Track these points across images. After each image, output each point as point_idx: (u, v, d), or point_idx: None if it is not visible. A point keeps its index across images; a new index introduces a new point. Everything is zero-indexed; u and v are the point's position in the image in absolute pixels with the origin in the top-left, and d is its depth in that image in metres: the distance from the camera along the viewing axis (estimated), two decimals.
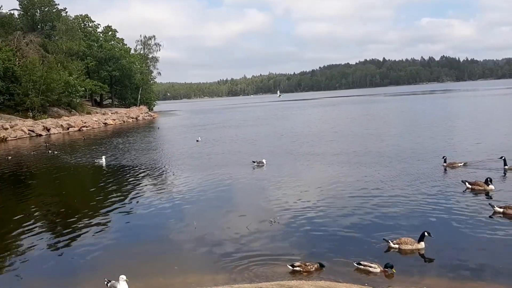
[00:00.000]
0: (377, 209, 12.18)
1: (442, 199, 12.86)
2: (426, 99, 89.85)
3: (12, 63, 55.06)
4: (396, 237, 9.58)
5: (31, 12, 74.13)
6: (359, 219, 11.50)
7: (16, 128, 45.08)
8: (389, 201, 12.98)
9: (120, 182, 19.08)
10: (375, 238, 9.96)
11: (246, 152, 25.49)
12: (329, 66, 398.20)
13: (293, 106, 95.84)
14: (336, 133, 33.54)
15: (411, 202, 12.66)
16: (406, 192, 13.82)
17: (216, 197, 15.09)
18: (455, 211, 11.64)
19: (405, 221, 11.07)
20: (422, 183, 14.97)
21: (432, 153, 20.56)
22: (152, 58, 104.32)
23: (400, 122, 40.55)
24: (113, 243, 10.85)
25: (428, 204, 12.34)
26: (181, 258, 9.66)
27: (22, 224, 12.84)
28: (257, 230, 10.92)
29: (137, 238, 11.28)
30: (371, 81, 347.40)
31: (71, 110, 65.11)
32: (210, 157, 24.61)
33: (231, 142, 31.73)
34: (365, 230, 10.55)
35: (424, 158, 19.56)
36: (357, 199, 13.44)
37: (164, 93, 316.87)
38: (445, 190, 13.83)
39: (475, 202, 12.32)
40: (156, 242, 10.76)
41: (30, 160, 27.62)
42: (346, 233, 10.48)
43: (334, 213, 12.12)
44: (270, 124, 48.00)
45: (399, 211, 11.93)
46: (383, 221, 11.19)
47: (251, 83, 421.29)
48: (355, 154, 22.06)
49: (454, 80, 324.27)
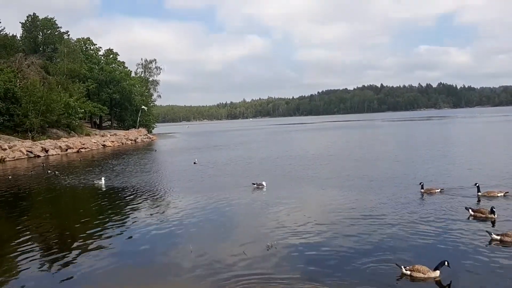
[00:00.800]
0: (378, 235, 12.05)
1: (445, 225, 12.83)
2: (423, 125, 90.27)
3: (13, 84, 55.45)
4: (406, 263, 9.41)
5: (34, 34, 75.13)
6: (359, 244, 11.39)
7: (15, 149, 45.08)
8: (388, 226, 12.88)
9: (116, 204, 19.01)
10: (377, 263, 9.84)
11: (243, 175, 25.49)
12: (328, 91, 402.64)
13: (291, 130, 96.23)
14: (331, 156, 33.72)
15: (411, 229, 12.60)
16: (405, 218, 13.76)
17: (213, 220, 15.01)
18: (458, 238, 11.60)
19: (410, 248, 10.93)
20: (421, 208, 14.99)
21: (425, 178, 20.63)
22: (153, 81, 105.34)
23: (395, 147, 40.70)
24: (109, 267, 10.72)
25: (430, 231, 12.30)
26: (176, 282, 9.55)
27: (18, 245, 12.70)
28: (254, 255, 10.82)
29: (132, 262, 11.15)
30: (369, 107, 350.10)
31: (70, 132, 65.24)
32: (207, 180, 24.58)
33: (228, 164, 31.74)
34: (367, 255, 10.42)
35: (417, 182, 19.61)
36: (355, 223, 13.36)
37: (164, 116, 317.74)
38: (444, 217, 13.82)
39: (476, 229, 12.32)
40: (151, 266, 10.65)
41: (29, 180, 27.57)
42: (347, 259, 10.36)
43: (333, 238, 12.01)
44: (267, 147, 48.10)
45: (400, 237, 11.81)
46: (386, 247, 11.05)
47: (250, 106, 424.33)
48: (353, 178, 22.01)
49: (452, 107, 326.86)
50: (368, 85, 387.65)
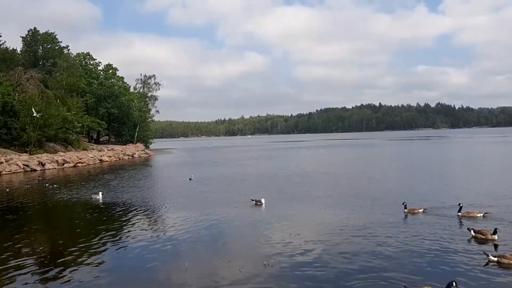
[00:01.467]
0: (376, 256, 11.83)
1: (443, 245, 12.69)
2: (422, 145, 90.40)
3: (12, 97, 55.55)
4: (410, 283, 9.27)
5: (34, 49, 75.53)
6: (355, 263, 11.22)
7: (11, 162, 44.88)
8: (382, 245, 12.78)
9: (112, 219, 18.78)
10: (372, 283, 9.70)
11: (240, 191, 25.34)
12: (326, 109, 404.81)
13: (288, 147, 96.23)
14: (328, 174, 33.65)
15: (403, 247, 12.49)
16: (399, 236, 13.66)
17: (209, 236, 14.81)
18: (455, 258, 11.46)
19: (412, 267, 10.75)
20: (408, 228, 14.86)
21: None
22: (151, 97, 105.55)
23: (391, 166, 40.67)
24: (102, 283, 10.52)
25: (422, 251, 12.16)
26: None
27: (11, 258, 12.52)
28: (250, 273, 10.64)
29: (127, 278, 10.95)
30: (367, 125, 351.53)
31: (67, 146, 65.10)
32: (203, 196, 24.38)
33: (224, 181, 31.62)
34: (362, 274, 10.27)
35: (415, 202, 19.48)
36: (351, 242, 13.19)
37: (162, 131, 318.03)
38: (447, 237, 13.69)
39: (470, 249, 12.17)
40: (146, 282, 10.45)
41: (25, 194, 27.40)
42: (342, 278, 10.18)
43: (329, 257, 11.83)
44: (264, 164, 47.99)
45: (394, 256, 11.66)
46: (380, 267, 10.88)
47: (248, 123, 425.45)
48: (348, 196, 21.93)
49: (450, 127, 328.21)
50: (367, 104, 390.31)
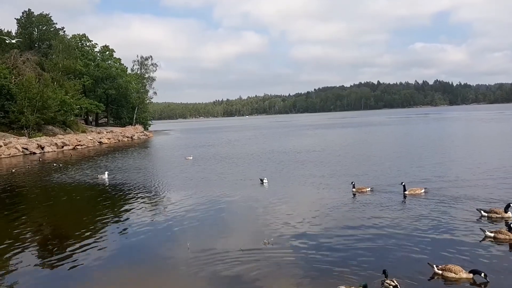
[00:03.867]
0: (382, 237, 11.83)
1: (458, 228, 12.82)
2: (419, 123, 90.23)
3: (8, 81, 55.16)
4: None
5: (29, 31, 74.63)
6: (358, 243, 11.27)
7: (10, 146, 44.83)
8: (389, 226, 12.92)
9: (114, 200, 18.94)
10: (388, 262, 9.73)
11: (240, 171, 25.50)
12: (324, 88, 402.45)
13: (288, 126, 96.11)
14: (332, 153, 33.56)
15: (405, 229, 12.62)
16: (403, 217, 13.78)
17: (209, 217, 14.95)
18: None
19: (419, 249, 10.69)
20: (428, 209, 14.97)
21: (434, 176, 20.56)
22: (149, 78, 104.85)
23: (394, 145, 40.72)
24: (105, 263, 10.68)
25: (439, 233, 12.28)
26: (173, 280, 9.52)
27: (15, 241, 12.67)
28: (250, 252, 10.78)
29: (129, 258, 11.10)
30: (365, 104, 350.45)
31: (66, 129, 64.97)
32: (203, 176, 24.54)
33: (224, 161, 31.76)
34: (374, 254, 10.27)
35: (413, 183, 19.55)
36: (355, 222, 13.34)
37: (160, 113, 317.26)
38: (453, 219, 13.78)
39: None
40: (148, 262, 10.59)
41: (30, 174, 27.86)
42: (346, 258, 10.24)
43: (331, 237, 11.91)
44: (262, 143, 47.97)
45: (403, 236, 11.81)
46: (390, 247, 10.94)
47: (246, 104, 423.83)
48: (350, 175, 21.96)
49: (448, 104, 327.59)
50: (365, 82, 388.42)
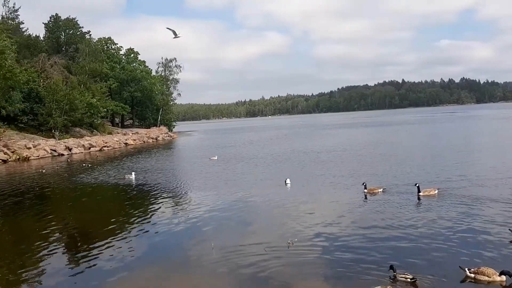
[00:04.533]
0: (405, 238, 11.70)
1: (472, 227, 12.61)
2: (446, 122, 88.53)
3: (37, 84, 56.58)
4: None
5: (56, 35, 76.33)
6: (382, 245, 11.12)
7: (39, 148, 45.91)
8: (415, 227, 12.78)
9: (140, 200, 19.34)
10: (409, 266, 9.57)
11: (263, 171, 25.57)
12: (348, 87, 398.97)
13: (310, 126, 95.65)
14: (354, 153, 33.21)
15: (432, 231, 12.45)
16: (428, 220, 13.60)
17: (233, 216, 15.07)
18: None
19: (444, 252, 10.45)
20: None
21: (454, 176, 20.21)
22: (173, 80, 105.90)
23: (416, 145, 40.12)
24: (130, 263, 10.86)
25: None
26: (198, 279, 9.62)
27: (44, 239, 13.02)
28: (274, 252, 10.81)
29: (154, 258, 11.27)
30: (390, 103, 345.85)
31: (93, 130, 66.20)
32: (228, 176, 24.72)
33: (248, 161, 31.88)
34: (399, 256, 10.15)
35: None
36: (378, 223, 13.24)
37: (184, 114, 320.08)
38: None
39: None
40: (174, 263, 10.76)
41: (59, 174, 28.77)
42: (370, 261, 10.14)
43: (354, 238, 11.86)
44: (284, 143, 47.83)
45: (427, 238, 11.64)
46: (418, 250, 10.84)
47: (269, 104, 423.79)
48: (375, 176, 21.79)
49: (475, 102, 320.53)
50: (389, 81, 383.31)
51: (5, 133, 48.39)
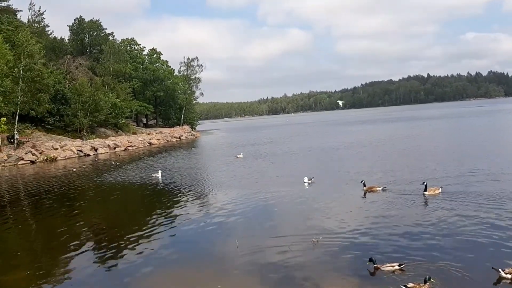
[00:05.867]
0: (431, 238, 11.36)
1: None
2: (472, 116, 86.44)
3: (62, 85, 57.72)
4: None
5: (80, 37, 77.62)
6: (406, 245, 10.93)
7: (66, 148, 46.81)
8: (438, 227, 12.48)
9: (166, 198, 19.57)
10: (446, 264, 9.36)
11: (287, 169, 25.45)
12: (371, 83, 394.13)
13: (333, 124, 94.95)
14: (377, 150, 32.74)
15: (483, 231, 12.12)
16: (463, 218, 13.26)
17: (257, 215, 15.06)
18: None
19: (478, 251, 10.24)
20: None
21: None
22: (195, 79, 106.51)
23: (435, 141, 39.34)
24: (159, 260, 10.95)
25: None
26: (224, 277, 9.61)
27: (73, 238, 13.27)
28: (299, 251, 10.75)
29: (180, 256, 11.35)
30: (415, 98, 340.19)
31: (118, 130, 67.18)
32: (252, 174, 24.76)
33: (271, 158, 31.89)
34: (426, 255, 9.89)
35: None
36: (401, 222, 13.02)
37: (206, 113, 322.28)
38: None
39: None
40: (199, 261, 10.80)
41: (91, 172, 29.59)
42: (395, 259, 9.96)
43: (380, 237, 11.67)
44: (310, 140, 47.52)
45: (452, 238, 11.38)
46: (445, 248, 10.59)
47: (291, 101, 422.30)
48: (397, 174, 21.43)
49: (503, 96, 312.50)
50: (414, 76, 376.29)
51: (33, 134, 49.56)
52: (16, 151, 42.48)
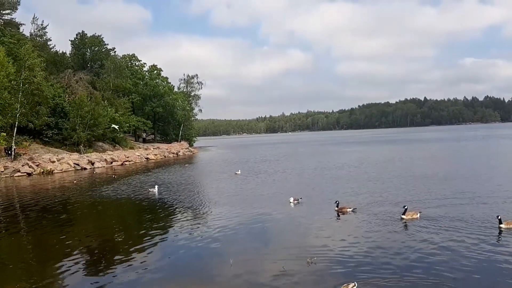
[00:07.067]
0: (430, 260, 11.54)
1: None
2: (465, 140, 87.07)
3: (62, 99, 58.06)
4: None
5: (82, 52, 78.28)
6: (402, 263, 11.09)
7: (63, 161, 46.84)
8: (433, 243, 12.65)
9: (160, 214, 19.54)
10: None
11: (282, 188, 25.51)
12: (369, 104, 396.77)
13: (330, 142, 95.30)
14: (369, 172, 32.98)
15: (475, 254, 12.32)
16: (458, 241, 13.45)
17: (252, 233, 15.13)
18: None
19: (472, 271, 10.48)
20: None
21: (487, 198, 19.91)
22: (194, 96, 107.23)
23: (426, 164, 39.62)
24: (152, 277, 10.97)
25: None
26: None
27: (66, 252, 13.27)
28: (294, 270, 10.81)
29: (173, 273, 11.39)
30: (412, 120, 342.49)
31: (115, 145, 67.27)
32: (247, 192, 24.87)
33: (268, 177, 32.02)
34: (425, 277, 10.01)
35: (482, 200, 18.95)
36: (396, 240, 13.15)
37: (204, 129, 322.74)
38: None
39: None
40: (191, 278, 10.85)
41: (91, 185, 29.50)
42: (387, 276, 10.10)
43: (373, 255, 11.81)
44: (302, 160, 47.72)
45: (453, 257, 11.58)
46: (427, 266, 10.78)
47: (289, 120, 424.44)
48: (389, 193, 21.63)
49: (499, 121, 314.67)
50: (411, 98, 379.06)
51: (31, 146, 49.64)
52: (13, 163, 42.52)
